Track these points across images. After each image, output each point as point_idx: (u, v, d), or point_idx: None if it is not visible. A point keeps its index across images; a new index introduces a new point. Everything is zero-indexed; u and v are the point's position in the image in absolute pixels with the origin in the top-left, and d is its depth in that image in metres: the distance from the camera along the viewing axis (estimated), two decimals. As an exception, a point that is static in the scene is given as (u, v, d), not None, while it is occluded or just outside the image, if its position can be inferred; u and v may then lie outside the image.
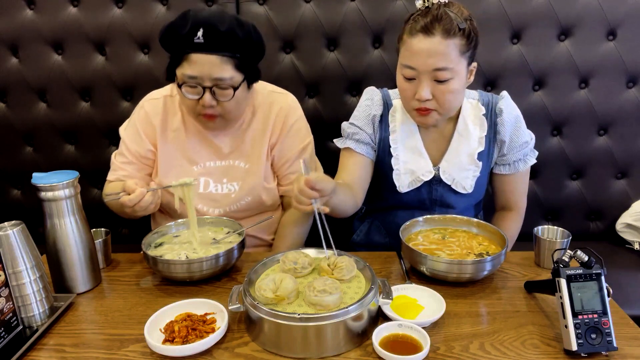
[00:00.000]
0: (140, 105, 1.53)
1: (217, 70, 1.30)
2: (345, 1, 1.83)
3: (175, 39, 1.31)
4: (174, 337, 0.98)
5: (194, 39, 1.27)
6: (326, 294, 0.99)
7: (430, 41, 1.24)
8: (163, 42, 1.35)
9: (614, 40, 1.81)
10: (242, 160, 1.51)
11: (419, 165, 1.46)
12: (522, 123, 1.46)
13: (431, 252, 1.24)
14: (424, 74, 1.27)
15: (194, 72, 1.30)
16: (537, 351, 0.97)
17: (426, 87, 1.28)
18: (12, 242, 1.04)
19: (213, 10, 1.39)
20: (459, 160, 1.45)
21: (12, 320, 1.03)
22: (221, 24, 1.28)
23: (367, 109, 1.48)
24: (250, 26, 1.35)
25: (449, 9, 1.25)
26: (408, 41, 1.28)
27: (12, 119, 1.99)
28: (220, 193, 1.51)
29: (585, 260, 0.97)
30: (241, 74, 1.34)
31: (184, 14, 1.31)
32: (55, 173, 1.18)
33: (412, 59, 1.27)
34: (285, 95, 1.56)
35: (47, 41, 1.90)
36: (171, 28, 1.32)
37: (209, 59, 1.29)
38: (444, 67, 1.25)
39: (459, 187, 1.46)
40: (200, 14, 1.30)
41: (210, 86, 1.32)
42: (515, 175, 1.50)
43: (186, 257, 1.23)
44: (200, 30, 1.26)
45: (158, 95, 1.53)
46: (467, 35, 1.26)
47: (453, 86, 1.28)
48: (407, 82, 1.32)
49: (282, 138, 1.51)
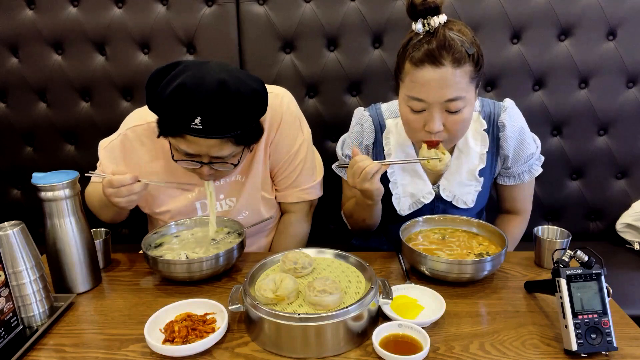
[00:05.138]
0: (123, 133, 1.42)
1: (215, 150, 1.22)
2: (345, 1, 1.83)
3: (168, 117, 1.18)
4: (174, 337, 0.98)
5: (191, 125, 1.14)
6: (326, 294, 0.99)
7: (440, 72, 1.15)
8: (153, 110, 1.21)
9: (614, 40, 1.81)
10: (238, 173, 1.46)
11: (418, 187, 1.42)
12: (526, 135, 1.40)
13: (431, 252, 1.24)
14: (434, 105, 1.19)
15: (192, 150, 1.22)
16: (537, 351, 0.97)
17: (437, 119, 1.20)
18: (12, 242, 1.04)
19: (211, 87, 1.14)
20: (459, 177, 1.41)
21: (12, 320, 1.03)
22: (221, 107, 1.15)
23: (359, 137, 1.44)
24: (252, 92, 1.20)
25: (452, 32, 1.16)
26: (414, 72, 1.18)
27: (12, 119, 1.99)
28: (219, 211, 1.47)
29: (585, 260, 0.97)
30: (242, 146, 1.28)
31: (179, 89, 1.13)
32: (55, 173, 1.18)
33: (421, 92, 1.18)
34: (276, 94, 1.43)
35: (47, 41, 1.90)
36: (162, 102, 1.16)
37: (207, 142, 1.19)
38: (457, 97, 1.17)
39: (460, 202, 1.42)
40: (197, 94, 1.13)
41: (208, 162, 1.26)
42: (520, 185, 1.47)
43: (186, 257, 1.23)
44: (198, 118, 1.13)
45: (141, 120, 1.41)
46: (476, 61, 1.18)
47: (465, 115, 1.21)
48: (414, 115, 1.23)
49: (277, 138, 1.44)
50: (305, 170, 1.51)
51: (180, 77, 1.16)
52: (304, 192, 1.53)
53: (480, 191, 1.43)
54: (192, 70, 1.18)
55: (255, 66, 1.87)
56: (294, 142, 1.46)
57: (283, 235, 1.58)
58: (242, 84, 1.19)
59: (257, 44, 1.87)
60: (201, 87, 1.14)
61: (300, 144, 1.47)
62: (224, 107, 1.15)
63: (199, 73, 1.17)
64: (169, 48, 1.88)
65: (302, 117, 1.51)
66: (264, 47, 1.86)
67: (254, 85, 1.22)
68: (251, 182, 1.46)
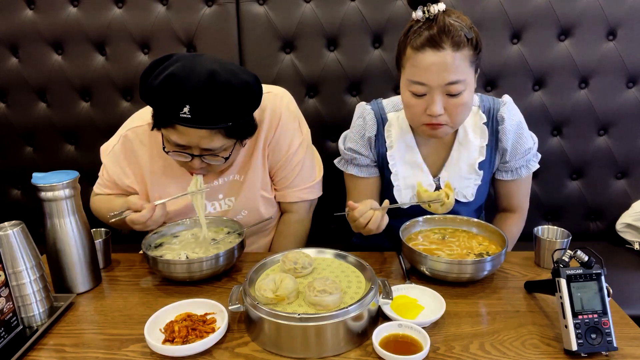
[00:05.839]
0: (124, 135, 1.43)
1: (206, 142, 1.22)
2: (345, 1, 1.83)
3: (158, 106, 1.19)
4: (174, 337, 0.98)
5: (180, 114, 1.15)
6: (326, 294, 0.99)
7: (441, 55, 1.18)
8: (144, 100, 1.23)
9: (614, 40, 1.81)
10: (237, 172, 1.46)
11: (419, 178, 1.44)
12: (524, 129, 1.43)
13: (431, 252, 1.24)
14: (435, 89, 1.22)
15: (182, 141, 1.22)
16: (537, 351, 0.97)
17: (438, 102, 1.23)
18: (12, 242, 1.04)
19: (201, 77, 1.15)
20: (459, 169, 1.43)
21: (12, 320, 1.03)
22: (210, 96, 1.15)
23: (361, 130, 1.45)
24: (244, 85, 1.20)
25: (451, 18, 1.20)
26: (415, 57, 1.22)
27: (12, 119, 1.99)
28: (218, 211, 1.48)
29: (585, 260, 0.97)
30: (233, 139, 1.27)
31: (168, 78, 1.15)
32: (55, 173, 1.18)
33: (423, 75, 1.21)
34: (275, 94, 1.45)
35: (47, 41, 1.90)
36: (152, 91, 1.18)
37: (197, 132, 1.19)
38: (457, 80, 1.20)
39: (460, 196, 1.44)
40: (186, 83, 1.14)
41: (199, 154, 1.26)
42: (517, 180, 1.48)
43: (186, 257, 1.23)
44: (186, 107, 1.14)
45: (141, 122, 1.41)
46: (474, 45, 1.22)
47: (465, 99, 1.24)
48: (416, 99, 1.26)
49: (276, 137, 1.44)
50: (304, 170, 1.50)
51: (171, 67, 1.18)
52: (304, 191, 1.53)
53: (479, 185, 1.44)
54: (183, 61, 1.19)
55: (255, 66, 1.87)
56: (293, 142, 1.46)
57: (283, 235, 1.58)
58: (234, 76, 1.19)
59: (257, 44, 1.87)
60: (191, 76, 1.16)
61: (300, 144, 1.47)
62: (213, 97, 1.16)
63: (190, 64, 1.19)
64: (169, 48, 1.88)
65: (301, 117, 1.51)
66: (264, 47, 1.86)
67: (246, 78, 1.22)
68: (250, 181, 1.46)
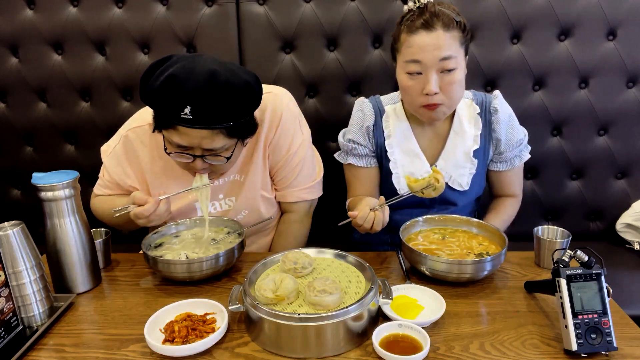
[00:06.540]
0: (124, 135, 1.42)
1: (207, 142, 1.21)
2: (345, 1, 1.83)
3: (159, 108, 1.19)
4: (174, 337, 0.98)
5: (181, 114, 1.15)
6: (326, 294, 0.99)
7: (433, 35, 1.28)
8: (145, 102, 1.22)
9: (614, 40, 1.81)
10: (237, 173, 1.46)
11: (416, 166, 1.49)
12: (515, 121, 1.50)
13: (431, 252, 1.24)
14: (430, 67, 1.30)
15: (183, 142, 1.22)
16: (537, 351, 0.97)
17: (434, 80, 1.30)
18: (12, 242, 1.04)
19: (201, 77, 1.15)
20: (455, 158, 1.48)
21: (12, 320, 1.03)
22: (210, 96, 1.14)
23: (360, 121, 1.51)
24: (244, 84, 1.20)
25: (440, 7, 1.31)
26: (409, 39, 1.31)
27: (12, 119, 1.99)
28: (219, 210, 1.48)
29: (585, 260, 0.97)
30: (234, 139, 1.26)
31: (169, 79, 1.14)
32: (55, 173, 1.18)
33: (417, 54, 1.30)
34: (275, 94, 1.44)
35: (47, 41, 1.90)
36: (153, 93, 1.17)
37: (198, 133, 1.19)
38: (450, 55, 1.29)
39: (456, 184, 1.49)
40: (186, 84, 1.14)
41: (200, 155, 1.25)
42: (512, 169, 1.54)
43: (186, 257, 1.23)
44: (187, 107, 1.14)
45: (141, 122, 1.41)
46: (462, 29, 1.32)
47: (458, 76, 1.32)
48: (412, 80, 1.34)
49: (276, 137, 1.44)
50: (304, 170, 1.51)
51: (171, 68, 1.17)
52: (304, 191, 1.53)
53: (474, 174, 1.49)
54: (183, 62, 1.19)
55: (255, 66, 1.87)
56: (293, 142, 1.46)
57: (283, 235, 1.57)
58: (234, 75, 1.19)
59: (257, 44, 1.87)
60: (191, 76, 1.15)
61: (300, 144, 1.47)
62: (214, 97, 1.15)
63: (190, 64, 1.18)
64: (169, 48, 1.88)
65: (301, 117, 1.51)
66: (264, 47, 1.87)
67: (246, 77, 1.22)
68: (250, 181, 1.46)
